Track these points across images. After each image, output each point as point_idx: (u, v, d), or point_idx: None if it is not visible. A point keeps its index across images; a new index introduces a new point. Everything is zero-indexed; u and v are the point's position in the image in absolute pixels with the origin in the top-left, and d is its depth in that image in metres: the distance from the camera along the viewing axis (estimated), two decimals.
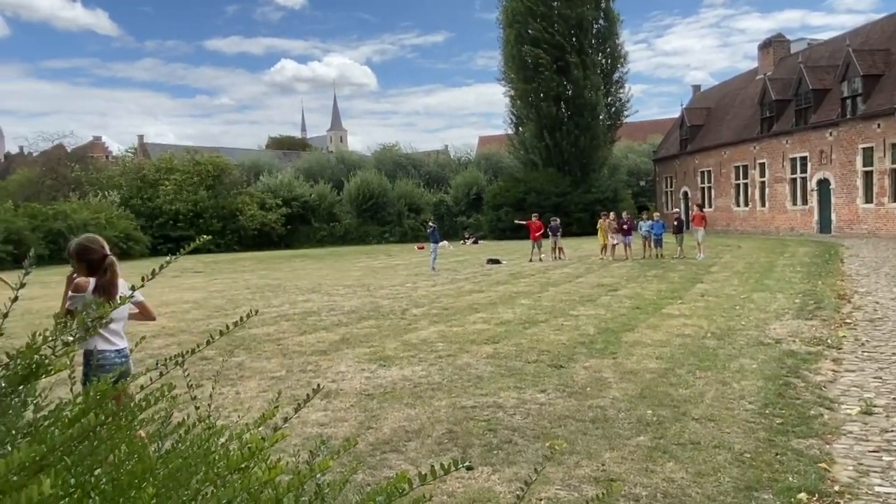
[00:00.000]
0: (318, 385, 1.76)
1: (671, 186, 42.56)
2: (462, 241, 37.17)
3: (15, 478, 0.91)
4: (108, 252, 3.99)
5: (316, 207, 44.31)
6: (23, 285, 1.20)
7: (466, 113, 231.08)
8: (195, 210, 38.67)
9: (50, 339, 1.14)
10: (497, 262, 21.53)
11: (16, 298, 1.20)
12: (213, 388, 2.57)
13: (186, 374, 1.78)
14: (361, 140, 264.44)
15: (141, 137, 68.42)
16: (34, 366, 1.13)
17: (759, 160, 33.05)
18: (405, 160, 50.25)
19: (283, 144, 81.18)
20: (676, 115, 44.69)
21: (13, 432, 1.12)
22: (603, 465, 4.32)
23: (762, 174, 32.93)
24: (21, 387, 1.17)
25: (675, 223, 21.84)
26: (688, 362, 7.00)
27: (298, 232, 43.27)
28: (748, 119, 34.43)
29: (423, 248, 31.86)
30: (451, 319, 10.36)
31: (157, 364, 1.53)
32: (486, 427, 5.14)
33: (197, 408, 1.66)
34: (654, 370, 6.72)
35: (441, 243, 21.36)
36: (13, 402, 1.15)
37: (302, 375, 7.05)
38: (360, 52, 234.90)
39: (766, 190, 32.72)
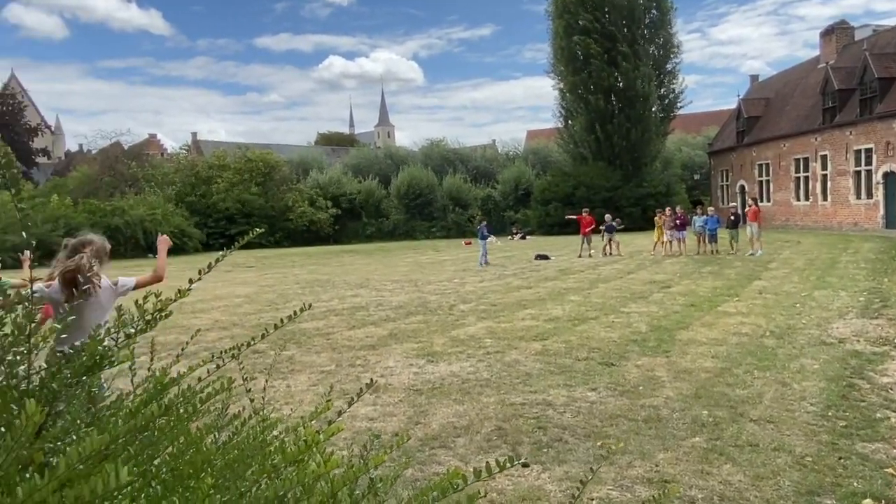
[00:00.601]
0: (372, 380, 1.76)
1: (727, 180, 41.30)
2: (510, 237, 36.96)
3: (81, 466, 0.93)
4: (84, 250, 3.72)
5: (364, 203, 44.81)
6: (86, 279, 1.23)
7: (514, 107, 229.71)
8: (246, 208, 39.51)
9: (113, 331, 1.17)
10: (545, 257, 21.34)
11: (83, 292, 1.23)
12: (266, 382, 2.62)
13: (242, 367, 1.81)
14: (409, 135, 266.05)
15: (194, 135, 70.49)
16: (97, 357, 1.16)
17: (820, 152, 31.76)
18: (452, 155, 50.24)
19: (331, 141, 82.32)
20: (732, 106, 43.34)
21: (77, 422, 1.15)
22: (656, 465, 4.23)
23: (824, 167, 31.64)
24: (84, 377, 1.20)
25: (732, 217, 21.19)
26: (745, 362, 6.79)
27: (346, 227, 43.86)
28: (809, 110, 33.11)
29: (470, 243, 31.84)
30: (499, 315, 10.31)
31: (212, 357, 1.55)
32: (536, 425, 5.09)
33: (251, 400, 1.68)
34: (710, 369, 6.54)
35: (489, 239, 21.31)
36: (77, 392, 1.19)
37: (351, 370, 7.13)
38: (406, 48, 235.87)
39: (828, 183, 31.42)
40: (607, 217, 22.51)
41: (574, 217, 22.96)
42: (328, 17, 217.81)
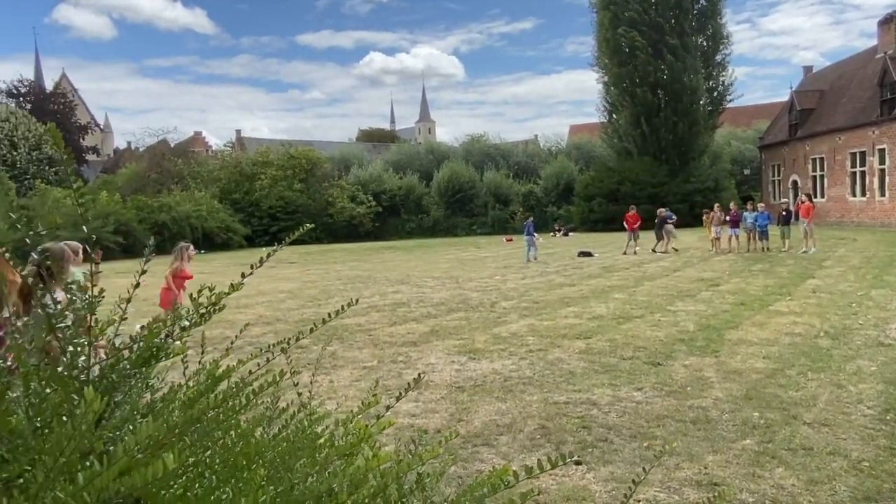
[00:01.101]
0: (420, 374, 1.76)
1: (779, 175, 40.04)
2: (552, 234, 36.59)
3: (140, 455, 0.94)
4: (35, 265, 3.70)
5: (404, 200, 44.95)
6: (144, 272, 1.25)
7: (556, 101, 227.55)
8: (289, 206, 40.01)
9: (169, 324, 1.19)
10: (589, 254, 21.06)
11: (137, 285, 1.26)
12: (312, 376, 2.64)
13: (290, 361, 1.82)
14: (449, 131, 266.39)
15: (238, 132, 71.90)
16: (154, 349, 1.19)
17: (878, 146, 30.49)
18: (494, 151, 49.98)
19: (372, 137, 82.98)
20: (784, 98, 42.00)
21: (134, 412, 1.17)
22: (705, 467, 4.13)
23: (882, 161, 30.36)
24: (141, 369, 1.22)
25: (784, 213, 20.55)
26: (798, 363, 6.57)
27: (387, 224, 44.06)
28: (866, 102, 31.82)
29: (511, 240, 31.68)
30: (542, 313, 10.23)
31: (261, 351, 1.58)
32: (580, 424, 5.03)
33: (299, 394, 1.70)
34: (761, 370, 6.35)
35: (535, 236, 21.07)
36: (135, 383, 1.21)
37: (393, 366, 7.17)
38: (447, 43, 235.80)
39: (887, 178, 30.13)
40: (662, 211, 21.90)
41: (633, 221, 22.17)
42: (368, 13, 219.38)
